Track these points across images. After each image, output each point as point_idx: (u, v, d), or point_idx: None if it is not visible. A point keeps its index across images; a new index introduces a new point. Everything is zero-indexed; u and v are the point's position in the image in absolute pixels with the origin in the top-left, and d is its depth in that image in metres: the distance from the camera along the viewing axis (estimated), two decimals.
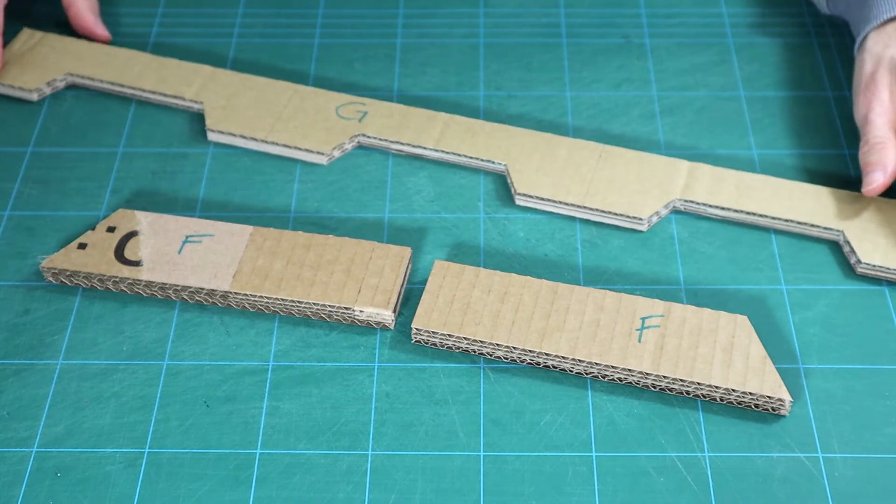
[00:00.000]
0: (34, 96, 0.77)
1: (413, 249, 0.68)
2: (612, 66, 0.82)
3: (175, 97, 0.76)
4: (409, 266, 0.67)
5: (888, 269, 0.66)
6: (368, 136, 0.74)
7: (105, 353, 0.64)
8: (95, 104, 0.79)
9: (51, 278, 0.67)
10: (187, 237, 0.68)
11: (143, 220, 0.69)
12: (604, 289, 0.65)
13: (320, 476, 0.59)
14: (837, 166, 0.74)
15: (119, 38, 0.84)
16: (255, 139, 0.73)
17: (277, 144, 0.73)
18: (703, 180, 0.71)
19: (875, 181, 0.68)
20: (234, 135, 0.74)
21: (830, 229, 0.68)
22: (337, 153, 0.72)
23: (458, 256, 0.69)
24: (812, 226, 0.68)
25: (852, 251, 0.67)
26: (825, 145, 0.75)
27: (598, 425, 0.61)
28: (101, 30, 0.81)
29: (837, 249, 0.68)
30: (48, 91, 0.74)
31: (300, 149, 0.73)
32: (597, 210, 0.69)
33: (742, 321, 0.63)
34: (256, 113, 0.75)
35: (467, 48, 0.84)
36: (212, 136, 0.75)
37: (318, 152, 0.72)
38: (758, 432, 0.60)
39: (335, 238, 0.67)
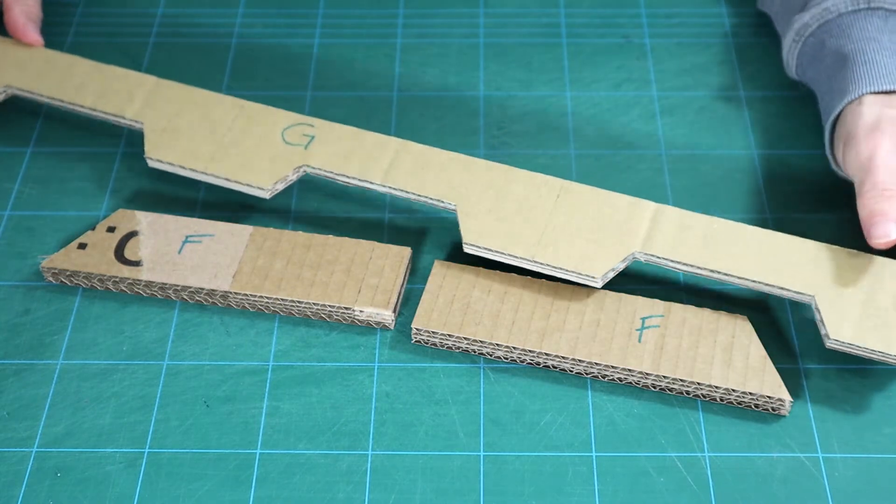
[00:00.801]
0: None
1: (413, 249, 0.68)
2: (612, 66, 0.82)
3: (115, 115, 0.71)
4: (409, 266, 0.67)
5: (858, 346, 0.59)
6: (313, 168, 0.68)
7: (105, 353, 0.64)
8: None
9: (51, 278, 0.67)
10: (187, 237, 0.68)
11: (143, 220, 0.69)
12: (604, 289, 0.65)
13: (320, 476, 0.59)
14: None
15: (119, 39, 0.84)
16: (195, 170, 0.68)
17: (217, 177, 0.68)
18: (667, 227, 0.64)
19: (886, 235, 0.61)
20: (172, 164, 0.69)
21: (802, 294, 0.62)
22: (280, 186, 0.67)
23: (458, 256, 0.69)
24: (781, 289, 0.62)
25: (822, 322, 0.60)
26: (825, 145, 0.75)
27: (598, 425, 0.61)
28: (32, 36, 0.76)
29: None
30: None
31: (241, 182, 0.68)
32: (548, 265, 0.64)
33: (742, 321, 0.63)
34: (197, 137, 0.69)
35: (467, 48, 0.84)
36: (152, 164, 0.69)
37: (259, 187, 0.67)
38: (758, 432, 0.60)
39: (335, 238, 0.67)
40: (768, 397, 0.60)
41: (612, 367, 0.61)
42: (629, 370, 0.61)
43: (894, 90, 0.66)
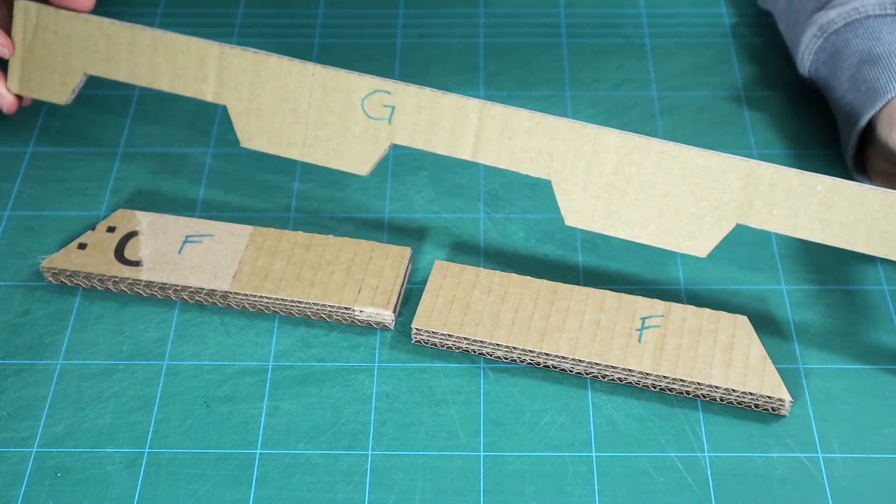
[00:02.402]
0: (64, 102, 0.72)
1: (413, 249, 0.68)
2: (612, 66, 0.82)
3: (194, 97, 0.70)
4: (409, 266, 0.67)
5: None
6: (401, 146, 0.67)
7: (105, 353, 0.64)
8: (95, 104, 0.79)
9: (51, 278, 0.67)
10: (187, 237, 0.68)
11: (143, 220, 0.69)
12: (604, 289, 0.65)
13: (320, 476, 0.59)
14: (838, 166, 0.74)
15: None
16: (291, 158, 0.69)
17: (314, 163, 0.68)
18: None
19: None
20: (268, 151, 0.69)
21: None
22: (375, 165, 0.67)
23: (458, 256, 0.69)
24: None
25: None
26: (825, 145, 0.75)
27: (598, 425, 0.61)
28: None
29: (839, 249, 0.68)
30: (74, 96, 0.72)
31: (338, 168, 0.68)
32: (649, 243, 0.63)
33: (742, 321, 0.63)
34: (282, 118, 0.68)
35: (467, 48, 0.84)
36: (246, 145, 0.70)
37: (357, 173, 0.67)
38: (758, 432, 0.60)
39: (335, 238, 0.67)
40: (768, 397, 0.60)
41: (612, 367, 0.61)
42: (629, 370, 0.61)
43: None
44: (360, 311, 0.64)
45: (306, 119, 0.68)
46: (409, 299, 0.66)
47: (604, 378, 0.62)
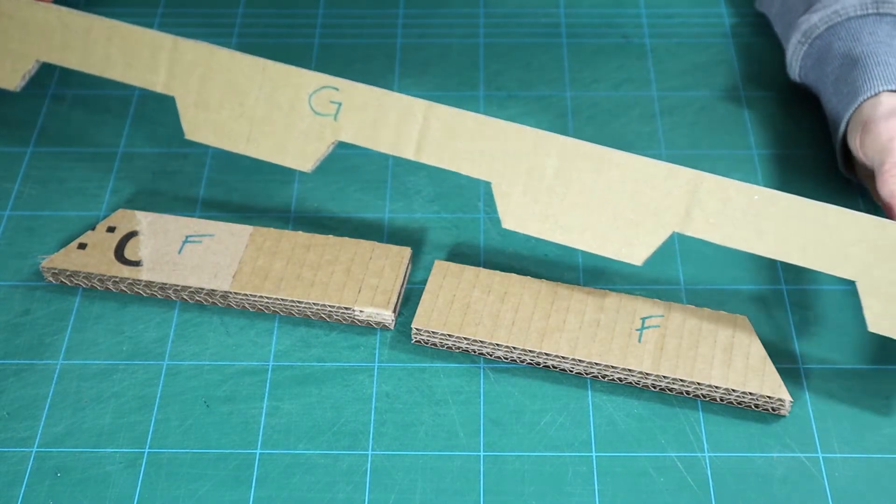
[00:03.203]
0: (14, 88, 0.72)
1: (413, 249, 0.68)
2: (612, 66, 0.82)
3: (144, 87, 0.70)
4: (409, 266, 0.67)
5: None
6: (346, 141, 0.67)
7: (105, 353, 0.64)
8: (95, 104, 0.79)
9: (51, 278, 0.67)
10: (187, 237, 0.68)
11: (143, 220, 0.69)
12: (604, 289, 0.65)
13: (320, 476, 0.59)
14: (837, 166, 0.74)
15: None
16: (234, 152, 0.69)
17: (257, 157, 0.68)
18: (709, 204, 0.61)
19: None
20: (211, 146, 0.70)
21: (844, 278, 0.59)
22: (318, 161, 0.67)
23: (458, 256, 0.69)
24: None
25: (865, 308, 0.58)
26: (825, 145, 0.75)
27: (598, 425, 0.61)
28: None
29: None
30: (24, 82, 0.72)
31: (281, 163, 0.68)
32: (587, 251, 0.63)
33: (742, 321, 0.63)
34: (229, 112, 0.69)
35: (467, 48, 0.84)
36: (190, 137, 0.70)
37: (299, 168, 0.67)
38: (758, 432, 0.60)
39: (335, 238, 0.67)
40: (768, 397, 0.60)
41: (612, 367, 0.61)
42: (629, 370, 0.61)
43: None
44: (360, 311, 0.64)
45: (253, 113, 0.68)
46: (409, 299, 0.66)
47: (604, 378, 0.62)
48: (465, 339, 0.63)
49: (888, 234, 0.58)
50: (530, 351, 0.62)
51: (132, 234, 0.68)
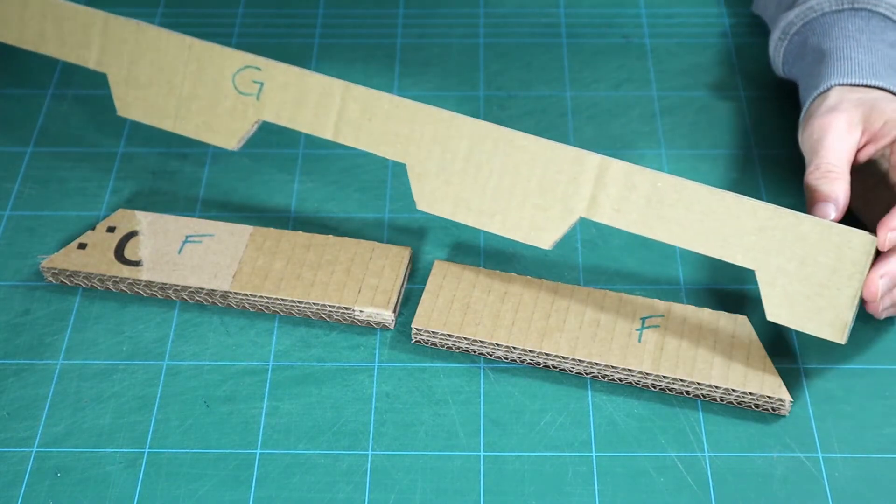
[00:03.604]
0: None
1: (413, 249, 0.68)
2: (612, 66, 0.82)
3: (78, 63, 0.71)
4: (409, 266, 0.67)
5: (793, 327, 0.60)
6: (269, 121, 0.68)
7: (105, 353, 0.64)
8: (95, 104, 0.79)
9: (51, 278, 0.67)
10: (187, 237, 0.68)
11: (143, 220, 0.69)
12: (604, 289, 0.65)
13: (320, 476, 0.59)
14: None
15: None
16: (163, 129, 0.70)
17: (185, 134, 0.70)
18: (612, 189, 0.61)
19: (826, 216, 0.60)
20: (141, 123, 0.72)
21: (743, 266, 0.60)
22: (243, 140, 0.68)
23: (458, 256, 0.69)
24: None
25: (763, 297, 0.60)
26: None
27: (598, 425, 0.61)
28: None
29: None
30: None
31: (207, 141, 0.70)
32: (497, 233, 0.64)
33: (742, 321, 0.63)
34: (158, 89, 0.70)
35: (467, 48, 0.84)
36: (122, 114, 0.72)
37: (225, 146, 0.69)
38: (758, 432, 0.60)
39: (335, 238, 0.67)
40: (768, 397, 0.60)
41: (612, 367, 0.61)
42: (629, 370, 0.61)
43: (862, 83, 0.66)
44: (360, 311, 0.64)
45: (180, 91, 0.69)
46: (409, 299, 0.66)
47: (604, 378, 0.62)
48: (465, 339, 0.63)
49: (784, 223, 0.58)
50: (530, 351, 0.62)
51: (132, 234, 0.68)
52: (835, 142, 0.63)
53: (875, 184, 0.66)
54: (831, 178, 0.62)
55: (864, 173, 0.66)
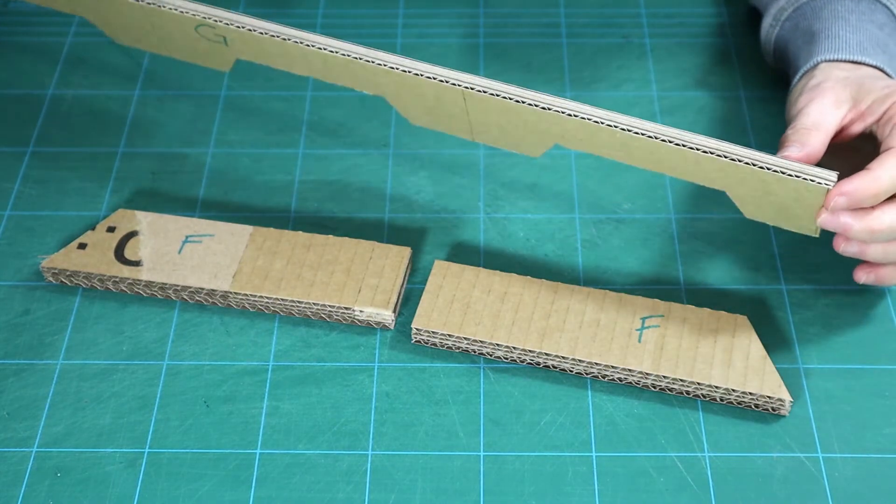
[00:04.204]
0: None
1: (413, 249, 0.68)
2: (612, 66, 0.82)
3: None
4: (409, 266, 0.67)
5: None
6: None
7: (105, 353, 0.64)
8: (95, 104, 0.79)
9: (51, 278, 0.67)
10: (187, 237, 0.68)
11: (143, 220, 0.69)
12: (604, 289, 0.65)
13: (320, 476, 0.59)
14: None
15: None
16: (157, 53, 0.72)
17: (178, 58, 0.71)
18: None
19: (788, 155, 0.61)
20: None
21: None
22: (232, 64, 0.70)
23: (458, 256, 0.69)
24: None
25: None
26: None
27: (598, 425, 0.61)
28: None
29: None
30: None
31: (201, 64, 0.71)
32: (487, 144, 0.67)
33: (742, 321, 0.63)
34: (139, 31, 0.71)
35: (467, 48, 0.84)
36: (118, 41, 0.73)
37: (221, 70, 0.70)
38: (758, 432, 0.60)
39: (335, 238, 0.67)
40: (768, 397, 0.60)
41: (612, 367, 0.61)
42: (629, 370, 0.61)
43: (849, 59, 0.67)
44: (360, 311, 0.64)
45: (158, 33, 0.70)
46: (409, 299, 0.66)
47: (604, 378, 0.62)
48: (465, 339, 0.63)
49: (745, 170, 0.59)
50: (530, 351, 0.62)
51: (132, 234, 0.68)
52: (817, 113, 0.63)
53: (861, 162, 0.65)
54: (802, 133, 0.62)
55: (851, 151, 0.66)
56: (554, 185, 0.73)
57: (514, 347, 0.62)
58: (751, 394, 0.60)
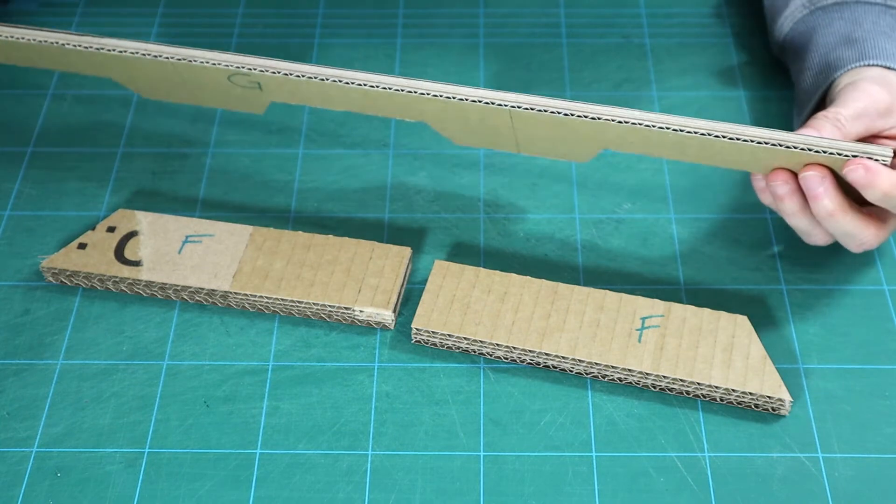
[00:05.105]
0: None
1: (413, 249, 0.68)
2: (612, 66, 0.82)
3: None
4: (409, 266, 0.67)
5: None
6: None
7: (105, 353, 0.64)
8: (95, 104, 0.79)
9: (51, 278, 0.67)
10: (187, 237, 0.68)
11: (143, 220, 0.69)
12: (604, 289, 0.65)
13: (320, 476, 0.59)
14: None
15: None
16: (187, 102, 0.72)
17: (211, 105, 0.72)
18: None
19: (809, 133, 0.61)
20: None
21: None
22: (266, 106, 0.70)
23: (458, 256, 0.69)
24: None
25: None
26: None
27: (598, 425, 0.61)
28: None
29: (839, 248, 0.68)
30: None
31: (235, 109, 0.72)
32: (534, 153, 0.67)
33: (742, 321, 0.63)
34: (167, 85, 0.70)
35: (467, 48, 0.84)
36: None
37: (255, 113, 0.71)
38: (758, 432, 0.60)
39: (335, 238, 0.67)
40: (768, 397, 0.60)
41: (612, 367, 0.61)
42: (629, 370, 0.61)
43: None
44: (360, 311, 0.64)
45: (189, 86, 0.70)
46: (409, 299, 0.66)
47: (604, 378, 0.62)
48: (465, 339, 0.63)
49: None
50: (530, 351, 0.62)
51: (132, 234, 0.68)
52: (862, 112, 0.63)
53: None
54: (835, 124, 0.61)
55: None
56: (554, 185, 0.73)
57: (514, 347, 0.62)
58: (751, 394, 0.60)
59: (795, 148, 0.58)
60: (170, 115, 0.78)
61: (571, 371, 0.63)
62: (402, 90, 0.63)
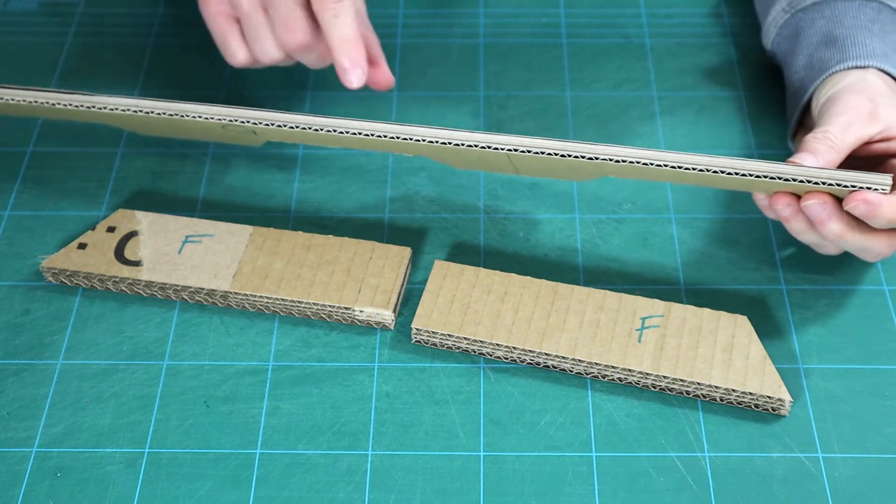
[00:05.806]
0: None
1: (413, 249, 0.68)
2: (612, 66, 0.82)
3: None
4: (409, 266, 0.67)
5: None
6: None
7: (105, 353, 0.64)
8: None
9: (51, 278, 0.67)
10: (187, 237, 0.68)
11: (143, 220, 0.69)
12: (604, 289, 0.65)
13: (320, 476, 0.59)
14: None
15: (119, 38, 0.84)
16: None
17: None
18: None
19: (801, 162, 0.61)
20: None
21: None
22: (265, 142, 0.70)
23: (458, 256, 0.69)
24: None
25: None
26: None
27: (598, 425, 0.61)
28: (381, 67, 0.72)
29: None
30: None
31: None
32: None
33: (742, 321, 0.63)
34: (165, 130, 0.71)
35: (467, 48, 0.84)
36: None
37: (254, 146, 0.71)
38: (758, 432, 0.60)
39: (335, 238, 0.67)
40: (768, 397, 0.60)
41: (612, 367, 0.61)
42: (629, 370, 0.61)
43: (876, 67, 0.67)
44: (360, 311, 0.64)
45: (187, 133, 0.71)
46: (409, 299, 0.66)
47: (604, 378, 0.62)
48: (465, 339, 0.63)
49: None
50: (530, 351, 0.62)
51: (132, 234, 0.68)
52: (849, 124, 0.63)
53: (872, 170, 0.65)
54: (827, 144, 0.62)
55: (862, 160, 0.66)
56: (554, 185, 0.73)
57: (514, 347, 0.62)
58: (751, 394, 0.60)
59: (794, 180, 0.59)
60: None
61: (571, 371, 0.63)
62: (398, 137, 0.63)
